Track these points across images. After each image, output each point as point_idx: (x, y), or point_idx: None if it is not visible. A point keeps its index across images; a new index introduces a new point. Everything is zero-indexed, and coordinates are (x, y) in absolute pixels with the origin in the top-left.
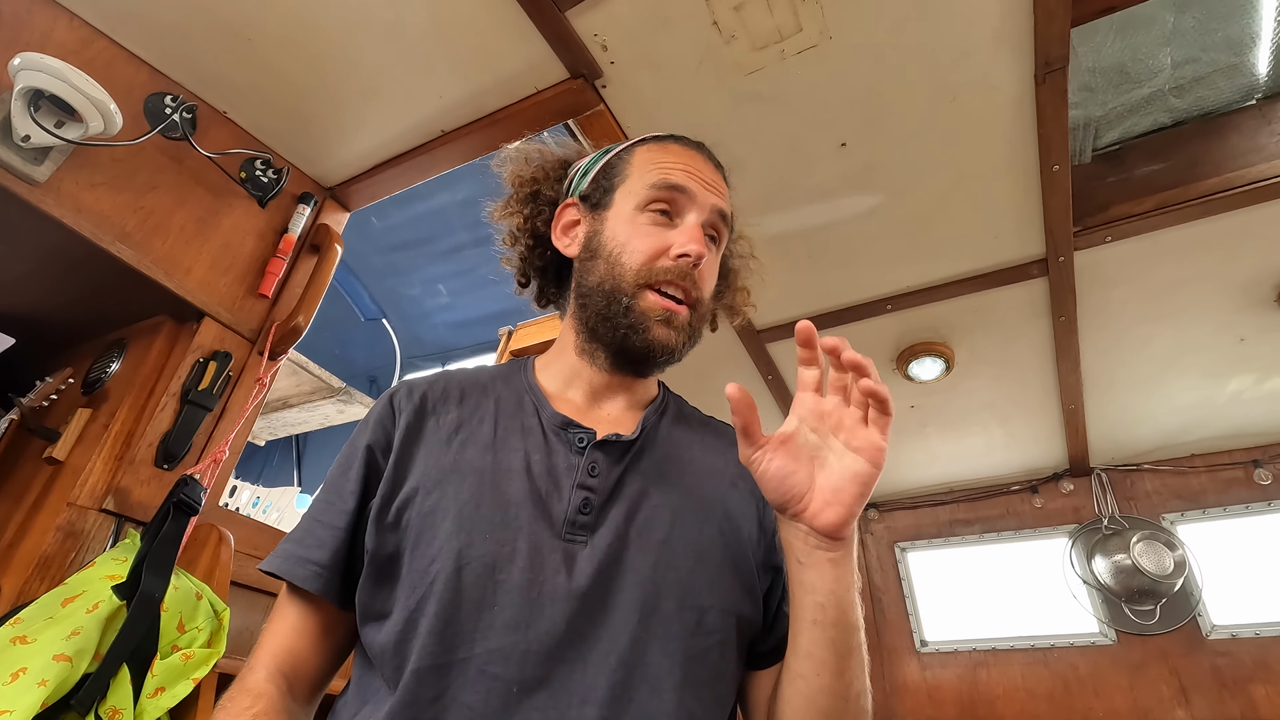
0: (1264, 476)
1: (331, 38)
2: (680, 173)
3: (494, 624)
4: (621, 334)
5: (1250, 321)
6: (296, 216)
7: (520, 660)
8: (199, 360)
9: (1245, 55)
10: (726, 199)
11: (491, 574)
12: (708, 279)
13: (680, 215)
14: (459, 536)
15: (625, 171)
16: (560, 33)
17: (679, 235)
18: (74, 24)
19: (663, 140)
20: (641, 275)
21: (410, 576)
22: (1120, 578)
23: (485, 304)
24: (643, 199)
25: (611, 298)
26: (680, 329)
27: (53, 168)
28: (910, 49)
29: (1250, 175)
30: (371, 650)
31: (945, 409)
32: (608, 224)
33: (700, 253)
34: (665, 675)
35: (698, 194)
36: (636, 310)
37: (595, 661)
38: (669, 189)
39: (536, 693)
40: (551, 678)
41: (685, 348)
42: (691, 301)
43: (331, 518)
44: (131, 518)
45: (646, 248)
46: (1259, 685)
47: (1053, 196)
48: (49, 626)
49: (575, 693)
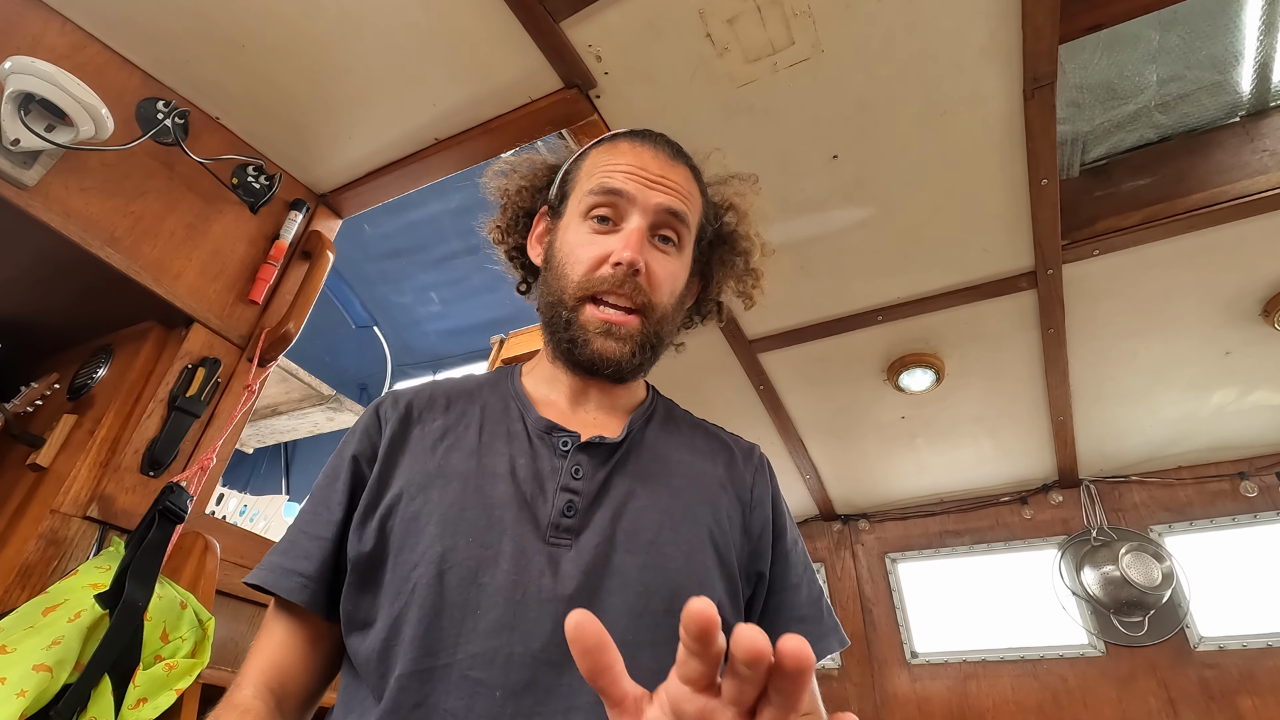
0: (1250, 489)
1: (325, 45)
2: (620, 175)
3: (477, 628)
4: (565, 348)
5: (1235, 335)
6: (288, 223)
7: (505, 664)
8: (187, 366)
9: (1229, 73)
10: (681, 193)
11: (475, 577)
12: (662, 282)
13: (622, 220)
14: (442, 540)
15: (576, 178)
16: (555, 43)
17: (618, 241)
18: (66, 28)
19: (615, 139)
20: (581, 287)
21: (394, 583)
22: (1109, 589)
23: (476, 312)
24: (585, 206)
25: (554, 311)
26: (626, 339)
27: (42, 172)
28: (901, 64)
29: (1234, 191)
30: (357, 659)
31: (935, 420)
32: (559, 234)
33: (633, 259)
34: (654, 679)
35: (638, 195)
36: (576, 324)
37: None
38: (606, 194)
39: (522, 698)
40: (537, 682)
41: (638, 355)
42: (638, 308)
43: (317, 529)
44: (116, 525)
45: (587, 257)
46: (1246, 697)
47: (1041, 210)
48: (29, 636)
49: (562, 698)
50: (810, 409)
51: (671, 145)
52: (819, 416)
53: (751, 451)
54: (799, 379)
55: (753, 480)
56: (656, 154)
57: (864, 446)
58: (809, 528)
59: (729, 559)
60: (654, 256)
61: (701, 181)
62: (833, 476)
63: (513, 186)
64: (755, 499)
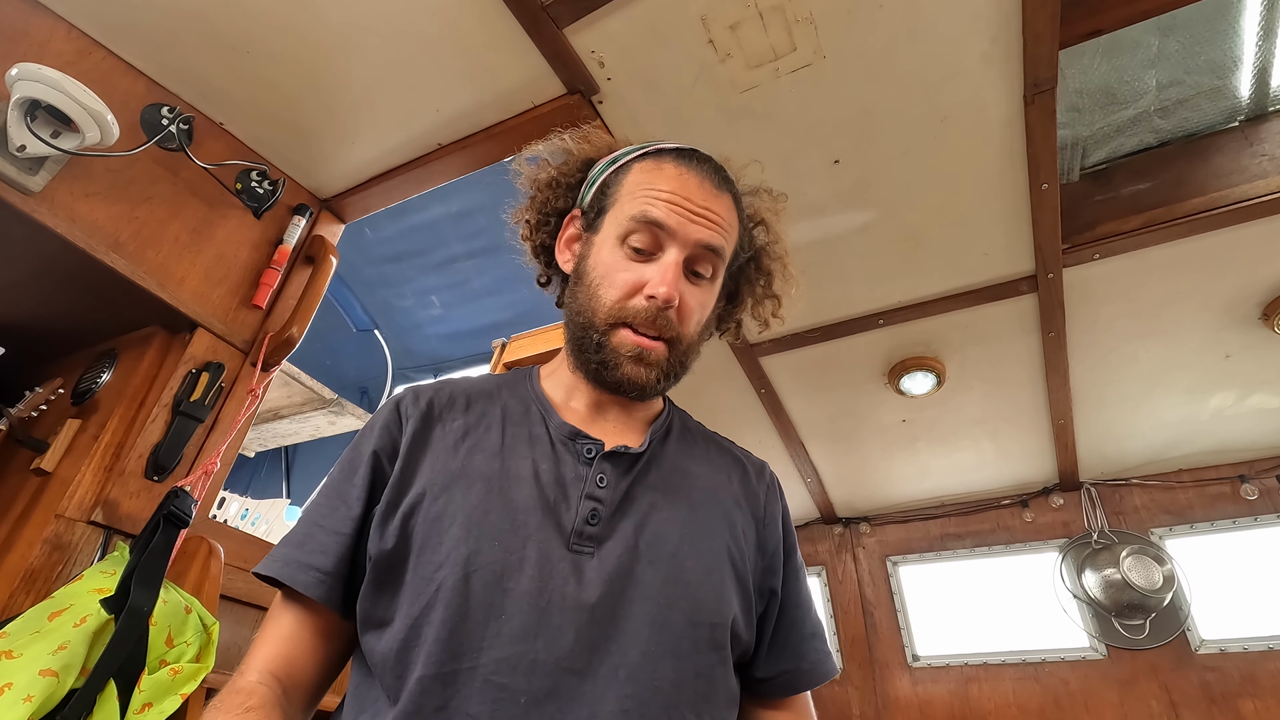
0: (1250, 492)
1: (329, 51)
2: (663, 205)
3: (502, 633)
4: (594, 368)
5: (1235, 338)
6: (292, 228)
7: (529, 670)
8: (191, 371)
9: (1228, 78)
10: (722, 226)
11: (500, 582)
12: (691, 314)
13: (660, 249)
14: (467, 543)
15: (616, 193)
16: (558, 49)
17: (655, 272)
18: (72, 34)
19: (660, 156)
20: (613, 313)
21: (415, 583)
22: (1110, 592)
23: (478, 316)
24: (623, 230)
25: (585, 331)
26: (655, 365)
27: (48, 178)
28: (902, 69)
29: (1234, 195)
30: (372, 659)
31: (936, 423)
32: (594, 250)
33: (669, 296)
34: (675, 690)
35: (678, 230)
36: (608, 347)
37: (605, 675)
38: (647, 224)
39: (544, 704)
40: (560, 689)
41: (663, 382)
42: (669, 338)
43: (335, 523)
44: (120, 530)
45: (622, 283)
46: (1247, 700)
47: (1042, 214)
48: (35, 641)
49: (584, 704)
50: (811, 412)
51: (717, 172)
52: (820, 420)
53: (763, 470)
54: (800, 382)
55: (765, 498)
56: (702, 183)
57: (865, 450)
58: (810, 531)
59: (744, 574)
60: (687, 289)
61: (741, 207)
62: (834, 479)
63: (544, 177)
64: (769, 517)
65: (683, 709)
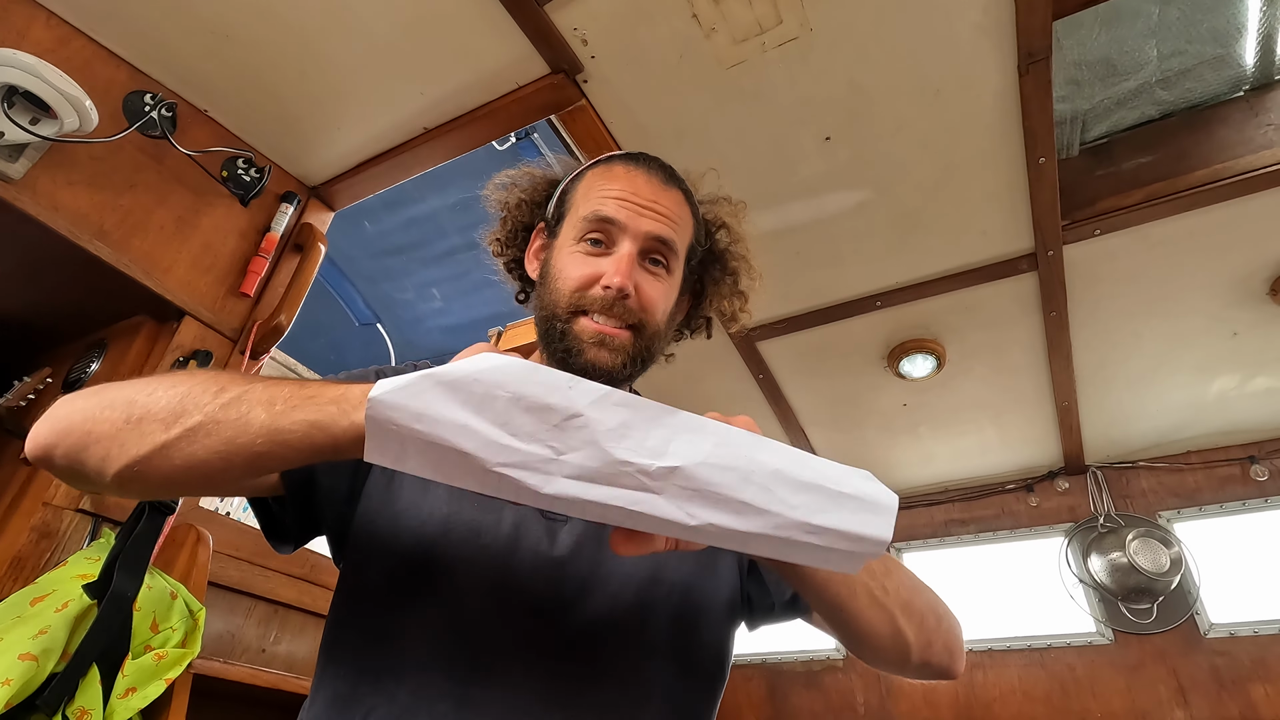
0: (1260, 473)
1: (309, 35)
2: (613, 203)
3: (478, 582)
4: (560, 356)
5: (1243, 315)
6: (279, 215)
7: (502, 615)
8: (179, 359)
9: (1231, 47)
10: (670, 218)
11: (477, 537)
12: (654, 302)
13: (613, 244)
14: (449, 504)
15: (572, 200)
16: (540, 27)
17: (609, 264)
18: (51, 22)
19: (610, 162)
20: (574, 301)
21: (395, 535)
22: (1116, 576)
23: (479, 307)
24: (579, 231)
25: (550, 322)
26: (619, 350)
27: (28, 165)
28: (892, 42)
29: (1239, 166)
30: (352, 598)
31: (938, 407)
32: (555, 253)
33: (623, 284)
34: (653, 648)
35: (629, 224)
36: (570, 334)
37: (577, 623)
38: (599, 221)
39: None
40: (534, 631)
41: (629, 367)
42: (632, 324)
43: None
44: (108, 518)
45: (579, 276)
46: (1258, 685)
47: (1040, 190)
48: (16, 626)
49: (552, 647)
50: (811, 398)
51: (665, 169)
52: (820, 405)
53: None
54: (798, 367)
55: None
56: (650, 179)
57: (866, 435)
58: None
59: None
60: (644, 279)
61: (693, 203)
62: None
63: (513, 199)
64: None
65: (664, 660)
